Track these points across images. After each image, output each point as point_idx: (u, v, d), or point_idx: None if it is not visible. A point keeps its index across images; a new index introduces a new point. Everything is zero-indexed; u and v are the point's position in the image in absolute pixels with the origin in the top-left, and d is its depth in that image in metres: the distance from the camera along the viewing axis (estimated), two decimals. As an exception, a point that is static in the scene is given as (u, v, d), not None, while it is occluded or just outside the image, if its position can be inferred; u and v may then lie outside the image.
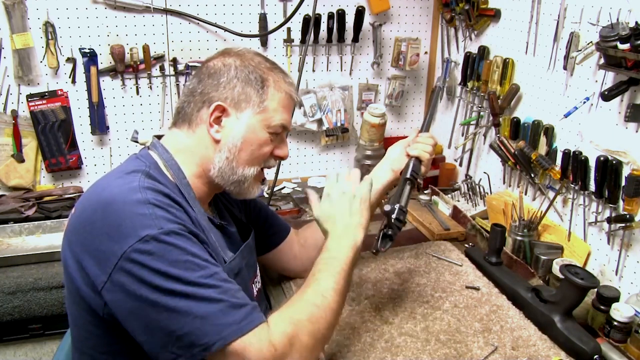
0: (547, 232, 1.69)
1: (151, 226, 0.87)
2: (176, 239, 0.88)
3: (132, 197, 0.91)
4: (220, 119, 1.06)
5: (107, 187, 0.96)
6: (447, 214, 1.91)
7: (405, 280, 1.43)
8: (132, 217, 0.88)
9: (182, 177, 1.05)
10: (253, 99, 1.06)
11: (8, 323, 1.57)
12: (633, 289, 1.44)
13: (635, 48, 1.27)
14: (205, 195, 1.13)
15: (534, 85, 1.78)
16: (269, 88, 1.07)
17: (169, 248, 0.87)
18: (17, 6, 1.85)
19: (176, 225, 0.90)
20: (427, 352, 1.15)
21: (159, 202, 0.91)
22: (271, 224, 1.37)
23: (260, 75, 1.07)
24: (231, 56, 1.09)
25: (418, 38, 2.30)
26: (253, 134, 1.06)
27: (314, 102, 2.25)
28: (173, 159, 1.06)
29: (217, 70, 1.07)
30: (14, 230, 1.79)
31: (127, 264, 0.86)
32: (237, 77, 1.06)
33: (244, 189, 1.11)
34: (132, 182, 0.94)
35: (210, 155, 1.07)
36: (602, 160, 1.43)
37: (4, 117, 1.95)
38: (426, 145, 1.32)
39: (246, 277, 1.15)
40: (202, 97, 1.06)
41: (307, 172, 2.43)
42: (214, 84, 1.06)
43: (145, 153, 1.07)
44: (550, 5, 1.67)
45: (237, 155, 1.06)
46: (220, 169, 1.07)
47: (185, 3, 2.05)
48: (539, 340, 1.20)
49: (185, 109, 1.08)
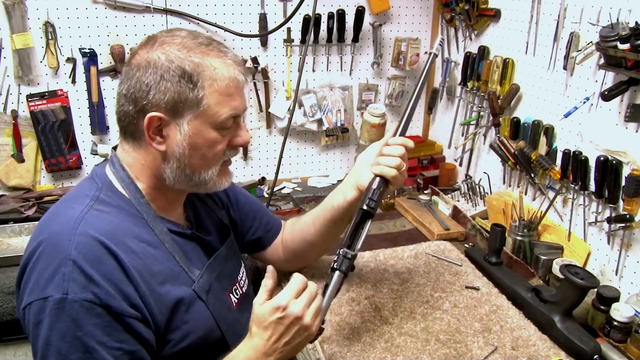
0: (547, 232, 1.68)
1: (59, 288, 0.83)
2: (76, 312, 0.82)
3: (60, 245, 0.86)
4: (161, 128, 0.94)
5: (51, 221, 0.93)
6: (447, 214, 1.91)
7: (405, 280, 1.43)
8: (49, 271, 0.85)
9: (139, 196, 0.99)
10: (189, 100, 0.93)
11: (8, 323, 1.57)
12: (633, 289, 1.44)
13: (635, 48, 1.27)
14: (173, 204, 1.07)
15: (534, 85, 1.78)
16: (205, 82, 0.93)
17: (63, 318, 0.82)
18: (17, 6, 1.85)
19: (84, 295, 0.83)
20: (427, 352, 1.15)
21: (80, 261, 0.84)
22: (261, 225, 1.33)
23: (192, 69, 0.92)
24: (155, 48, 0.94)
25: (418, 38, 2.30)
26: (199, 137, 0.96)
27: (314, 102, 2.25)
28: (129, 176, 0.99)
29: (143, 69, 0.93)
30: (14, 230, 1.79)
31: (30, 315, 0.85)
32: (164, 77, 0.92)
33: (209, 187, 1.03)
34: (70, 220, 0.89)
35: (161, 166, 0.98)
36: (602, 160, 1.43)
37: (4, 117, 1.95)
38: (392, 159, 1.12)
39: (218, 291, 1.08)
40: (135, 107, 0.94)
41: (307, 172, 2.43)
42: (143, 88, 0.92)
43: (100, 172, 1.01)
44: (550, 5, 1.67)
45: (187, 163, 0.97)
46: (174, 178, 0.99)
47: (185, 3, 2.05)
48: (539, 340, 1.20)
49: (123, 120, 0.97)
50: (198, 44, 0.95)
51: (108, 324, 0.85)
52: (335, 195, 1.25)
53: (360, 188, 1.16)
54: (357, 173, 1.20)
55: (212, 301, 1.03)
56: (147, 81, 0.92)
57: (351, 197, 1.19)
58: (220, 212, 1.23)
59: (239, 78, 0.97)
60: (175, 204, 1.08)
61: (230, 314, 1.09)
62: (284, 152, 2.09)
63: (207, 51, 0.95)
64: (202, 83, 0.93)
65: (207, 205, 1.20)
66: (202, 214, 1.16)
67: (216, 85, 0.94)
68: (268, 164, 2.35)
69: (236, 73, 0.97)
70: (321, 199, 1.33)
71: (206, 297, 1.02)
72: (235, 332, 1.06)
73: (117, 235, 0.91)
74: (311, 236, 1.29)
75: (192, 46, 0.94)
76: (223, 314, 1.06)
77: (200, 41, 0.96)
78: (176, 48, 0.93)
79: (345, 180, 1.24)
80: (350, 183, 1.21)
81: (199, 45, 0.95)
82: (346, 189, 1.21)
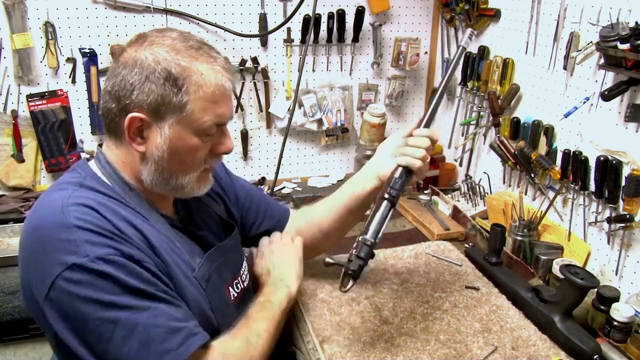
0: (547, 232, 1.68)
1: (76, 253, 0.82)
2: (105, 266, 0.83)
3: (55, 220, 0.85)
4: (142, 129, 0.93)
5: (37, 208, 0.92)
6: (447, 214, 1.91)
7: (405, 280, 1.43)
8: (56, 244, 0.83)
9: (127, 188, 0.98)
10: (173, 104, 0.91)
11: (8, 323, 1.57)
12: (633, 289, 1.44)
13: (635, 48, 1.27)
14: (162, 199, 1.05)
15: (534, 85, 1.78)
16: (190, 87, 0.91)
17: (96, 276, 0.82)
18: (17, 6, 1.85)
19: (104, 250, 0.84)
20: (427, 352, 1.15)
21: (84, 224, 0.85)
22: (267, 217, 1.32)
23: (178, 72, 0.90)
24: (144, 47, 0.92)
25: (418, 38, 2.30)
26: (180, 141, 0.94)
27: (314, 102, 2.25)
28: (115, 171, 0.98)
29: (129, 67, 0.91)
30: (14, 230, 1.79)
31: (57, 294, 0.82)
32: (150, 78, 0.90)
33: (187, 192, 1.02)
34: (57, 200, 0.88)
35: (139, 167, 0.97)
36: (602, 160, 1.43)
37: (4, 117, 1.95)
38: (418, 150, 1.12)
39: (217, 281, 1.08)
40: (118, 105, 0.93)
41: (307, 172, 2.43)
42: (127, 87, 0.91)
43: (82, 163, 1.00)
44: (550, 5, 1.67)
45: (166, 167, 0.95)
46: (152, 181, 0.97)
47: (185, 3, 2.05)
48: (538, 340, 1.20)
49: (106, 116, 0.96)
50: (188, 47, 0.93)
51: (134, 269, 0.85)
52: (354, 184, 1.24)
53: (382, 178, 1.17)
54: (378, 163, 1.20)
55: (210, 291, 1.03)
56: (131, 80, 0.91)
57: (371, 187, 1.20)
58: (217, 208, 1.21)
59: (226, 85, 0.95)
60: (165, 199, 1.06)
61: (227, 308, 1.09)
62: (284, 152, 2.10)
63: (197, 55, 0.93)
64: (187, 88, 0.91)
65: (201, 201, 1.16)
66: (194, 210, 1.14)
67: (201, 92, 0.92)
68: (268, 164, 2.35)
69: (224, 80, 0.95)
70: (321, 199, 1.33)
71: (205, 286, 1.02)
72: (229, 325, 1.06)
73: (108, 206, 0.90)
74: (327, 226, 1.29)
75: (181, 49, 0.92)
76: (220, 306, 1.06)
77: (190, 44, 0.94)
78: (165, 49, 0.92)
79: (365, 170, 1.24)
80: (370, 173, 1.21)
81: (189, 48, 0.93)
82: (366, 179, 1.21)
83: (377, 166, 1.20)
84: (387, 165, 1.17)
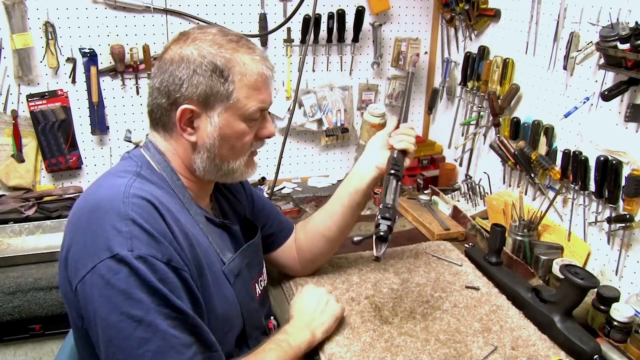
0: (547, 232, 1.68)
1: (123, 245, 0.85)
2: (143, 266, 0.85)
3: (114, 207, 0.88)
4: (192, 120, 1.00)
5: (96, 192, 0.94)
6: (447, 214, 1.91)
7: (405, 280, 1.43)
8: (109, 231, 0.86)
9: (175, 178, 1.03)
10: (220, 94, 0.98)
11: (8, 323, 1.57)
12: (633, 289, 1.44)
13: (635, 48, 1.27)
14: (202, 193, 1.11)
15: (534, 85, 1.78)
16: (235, 76, 0.98)
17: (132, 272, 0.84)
18: (17, 6, 1.85)
19: (148, 251, 0.86)
20: (427, 352, 1.15)
21: (139, 219, 0.87)
22: (274, 222, 1.37)
23: (223, 64, 0.98)
24: (188, 44, 0.99)
25: (418, 38, 2.30)
26: (229, 128, 1.01)
27: (314, 102, 2.25)
28: (165, 159, 1.04)
29: (176, 63, 0.98)
30: (14, 230, 1.79)
31: (93, 278, 0.84)
32: (197, 71, 0.97)
33: (237, 177, 1.09)
34: (120, 186, 0.92)
35: (191, 156, 1.03)
36: (602, 160, 1.43)
37: (4, 117, 1.95)
38: (410, 137, 1.26)
39: (247, 277, 1.13)
40: (168, 99, 0.99)
41: (307, 172, 2.44)
42: (176, 82, 0.98)
43: (137, 152, 1.05)
44: (550, 5, 1.67)
45: (217, 153, 1.03)
46: (204, 169, 1.04)
47: (185, 3, 2.05)
48: (538, 340, 1.20)
49: (155, 112, 1.03)
50: (228, 41, 1.00)
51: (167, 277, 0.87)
52: (351, 181, 1.30)
53: (380, 167, 1.25)
54: (372, 156, 1.28)
55: (238, 286, 1.07)
56: (180, 75, 0.97)
57: (370, 178, 1.27)
58: (241, 207, 1.27)
59: (266, 73, 1.03)
60: (205, 194, 1.13)
61: (253, 303, 1.13)
62: (284, 152, 2.10)
63: (237, 47, 1.00)
64: (232, 77, 0.98)
65: (229, 199, 1.24)
66: (226, 206, 1.21)
67: (245, 80, 0.99)
68: (268, 164, 2.35)
69: (264, 68, 1.02)
70: (321, 199, 1.35)
71: (234, 281, 1.06)
72: (253, 322, 1.10)
73: (163, 202, 0.94)
74: (328, 230, 1.33)
75: (223, 42, 0.99)
76: (247, 301, 1.10)
77: (230, 38, 1.01)
78: (208, 44, 0.99)
79: (359, 165, 1.30)
80: (367, 165, 1.28)
81: (230, 41, 1.00)
82: (364, 172, 1.28)
83: (373, 158, 1.28)
84: (382, 156, 1.26)
